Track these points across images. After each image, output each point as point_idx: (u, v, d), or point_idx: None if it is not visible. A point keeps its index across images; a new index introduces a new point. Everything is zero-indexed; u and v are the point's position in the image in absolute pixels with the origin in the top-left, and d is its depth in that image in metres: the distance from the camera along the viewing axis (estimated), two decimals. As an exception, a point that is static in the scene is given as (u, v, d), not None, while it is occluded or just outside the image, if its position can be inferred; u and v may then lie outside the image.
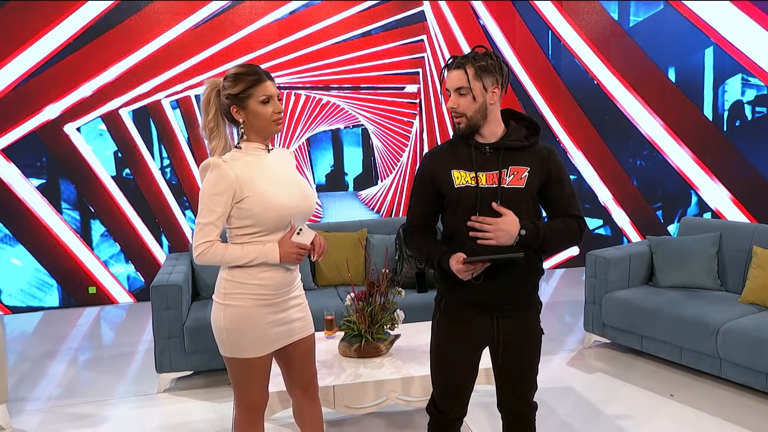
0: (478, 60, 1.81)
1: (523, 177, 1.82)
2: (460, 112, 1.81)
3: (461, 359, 1.95)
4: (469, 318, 1.90)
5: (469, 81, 1.79)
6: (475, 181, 1.82)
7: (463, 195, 1.83)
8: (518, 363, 1.96)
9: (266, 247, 1.87)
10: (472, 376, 2.01)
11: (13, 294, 5.28)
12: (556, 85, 6.21)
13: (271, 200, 1.85)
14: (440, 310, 1.96)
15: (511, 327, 1.90)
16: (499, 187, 1.81)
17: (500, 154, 1.83)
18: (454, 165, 1.86)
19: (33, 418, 3.15)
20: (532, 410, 2.06)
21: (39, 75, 5.11)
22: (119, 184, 5.45)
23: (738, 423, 2.92)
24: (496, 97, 1.82)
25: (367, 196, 6.03)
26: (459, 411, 2.04)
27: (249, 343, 1.91)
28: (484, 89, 1.80)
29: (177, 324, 3.34)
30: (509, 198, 1.81)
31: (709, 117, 6.24)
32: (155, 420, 3.11)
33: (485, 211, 1.80)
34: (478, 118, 1.82)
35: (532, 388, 2.03)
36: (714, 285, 3.73)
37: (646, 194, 6.41)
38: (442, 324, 1.95)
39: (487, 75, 1.80)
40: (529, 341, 1.94)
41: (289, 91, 5.71)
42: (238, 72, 1.87)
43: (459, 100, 1.81)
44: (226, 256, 1.85)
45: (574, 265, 6.30)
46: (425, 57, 5.96)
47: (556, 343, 4.08)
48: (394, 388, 2.56)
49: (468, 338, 1.92)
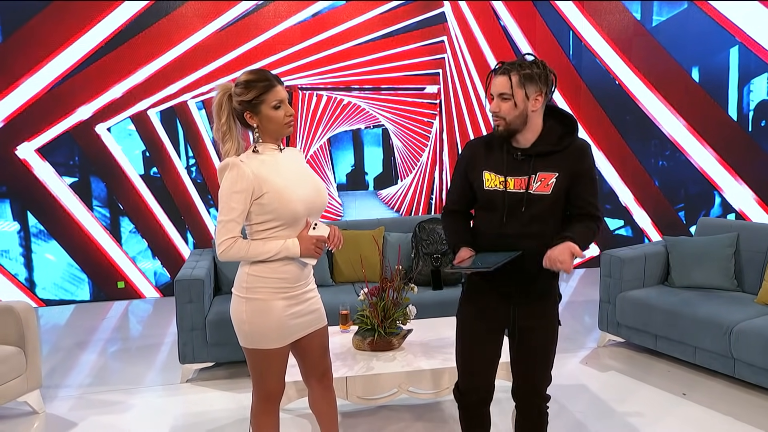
0: (524, 68, 1.84)
1: (550, 183, 1.87)
2: (501, 116, 1.87)
3: (481, 337, 2.05)
4: (488, 301, 2.01)
5: (512, 88, 1.84)
6: (503, 185, 1.89)
7: (491, 197, 1.92)
8: (531, 349, 2.03)
9: (288, 242, 1.96)
10: (493, 358, 2.08)
11: (47, 287, 5.51)
12: (577, 85, 6.21)
13: (288, 195, 1.94)
14: (463, 292, 2.10)
15: (526, 313, 1.99)
16: (526, 192, 1.87)
17: (531, 160, 1.89)
18: (487, 166, 1.94)
19: (64, 404, 3.32)
20: (543, 402, 2.11)
21: (72, 77, 5.32)
22: (147, 183, 5.63)
23: (750, 423, 2.92)
24: (538, 105, 1.86)
25: (387, 195, 6.12)
26: (482, 392, 2.11)
27: (268, 335, 2.00)
28: (526, 97, 1.84)
29: (199, 317, 3.47)
30: (534, 204, 1.88)
31: (734, 117, 6.17)
32: (178, 408, 3.24)
33: (511, 215, 1.89)
34: (517, 123, 1.87)
35: (544, 379, 2.08)
36: (730, 285, 3.72)
37: (669, 195, 6.37)
38: (465, 305, 2.08)
39: (531, 83, 1.83)
40: (544, 327, 2.01)
41: (311, 92, 5.83)
42: (249, 79, 1.95)
43: (501, 104, 1.86)
44: (250, 251, 1.94)
45: (593, 265, 6.28)
46: (446, 58, 6.02)
47: (572, 342, 4.11)
48: (405, 381, 2.64)
49: (487, 319, 2.03)
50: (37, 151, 5.35)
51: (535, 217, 1.89)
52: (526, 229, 1.89)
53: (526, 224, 1.89)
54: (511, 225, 1.90)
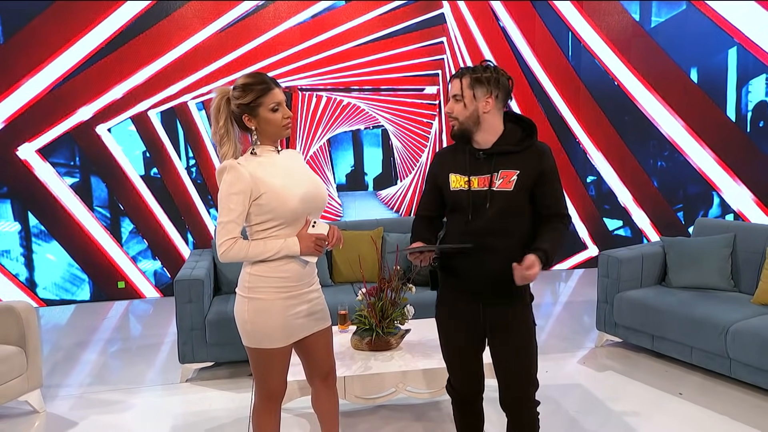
0: (475, 72, 1.96)
1: (511, 180, 1.95)
2: (454, 117, 1.99)
3: (457, 342, 2.11)
4: (458, 304, 2.07)
5: (462, 89, 1.96)
6: (468, 185, 1.98)
7: (457, 198, 2.01)
8: (507, 353, 2.05)
9: (287, 241, 1.98)
10: (474, 356, 2.12)
11: (47, 287, 5.53)
12: (576, 86, 6.23)
13: (286, 194, 1.96)
14: (438, 297, 2.15)
15: (496, 315, 2.02)
16: (489, 190, 1.95)
17: (493, 159, 1.98)
18: (452, 169, 2.04)
19: (65, 403, 3.34)
20: (531, 408, 2.11)
21: (73, 78, 5.35)
22: (147, 183, 5.66)
23: (745, 422, 2.94)
24: (489, 107, 1.96)
25: (387, 195, 6.14)
26: (472, 387, 2.17)
27: (270, 335, 2.02)
28: (474, 98, 1.95)
29: (199, 317, 3.49)
30: (499, 200, 1.95)
31: (732, 118, 6.19)
32: (178, 408, 3.27)
33: (477, 214, 1.96)
34: (469, 123, 1.97)
35: (528, 383, 2.08)
36: (727, 286, 3.74)
37: (667, 195, 6.39)
38: (440, 306, 2.15)
39: (479, 86, 1.95)
40: (517, 331, 2.03)
41: (310, 93, 5.85)
42: (246, 82, 1.98)
43: (454, 105, 1.99)
44: (250, 251, 1.96)
45: (593, 266, 6.29)
46: (445, 59, 6.04)
47: (571, 342, 4.13)
48: (403, 381, 2.66)
49: (459, 323, 2.08)
50: (37, 151, 5.38)
51: (499, 213, 1.95)
52: (491, 225, 1.95)
53: (491, 221, 1.95)
54: (477, 222, 1.97)
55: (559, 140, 6.27)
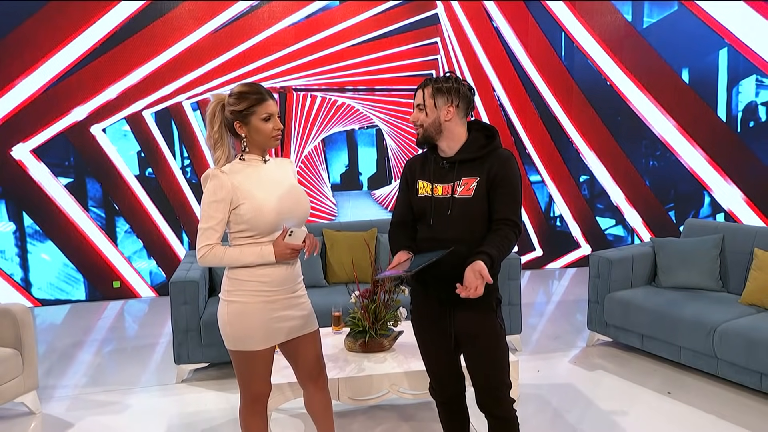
0: (437, 82, 2.03)
1: (471, 187, 2.01)
2: (418, 125, 2.07)
3: (431, 346, 2.18)
4: (427, 309, 2.13)
5: (424, 99, 2.03)
6: (431, 192, 2.06)
7: (422, 204, 2.08)
8: (475, 356, 2.09)
9: (263, 249, 2.04)
10: (451, 361, 2.18)
11: (42, 287, 5.55)
12: (569, 85, 6.28)
13: (263, 207, 2.01)
14: (411, 303, 2.22)
15: (463, 321, 2.06)
16: (451, 197, 2.03)
17: (455, 167, 2.04)
18: (420, 176, 2.12)
19: (61, 404, 3.37)
20: (506, 407, 2.13)
21: (67, 78, 5.35)
22: (142, 183, 5.67)
23: (732, 421, 2.99)
24: (450, 116, 2.02)
25: (381, 195, 6.17)
26: (451, 389, 2.24)
27: (250, 337, 2.07)
28: (435, 107, 2.02)
29: (194, 318, 3.53)
30: (460, 207, 2.01)
31: (723, 118, 6.26)
32: (174, 408, 3.30)
33: (438, 220, 2.03)
34: (431, 131, 2.04)
35: (500, 385, 2.10)
36: (716, 286, 3.80)
37: (659, 195, 6.45)
38: (414, 311, 2.21)
39: (440, 95, 2.01)
40: (483, 334, 2.06)
41: (305, 93, 5.87)
42: (242, 90, 2.04)
43: (418, 114, 2.06)
44: (225, 258, 2.03)
45: (585, 264, 6.33)
46: (439, 59, 6.07)
47: (562, 342, 4.18)
48: (396, 382, 2.70)
49: (430, 327, 2.14)
50: (32, 152, 5.39)
51: (461, 220, 2.01)
52: (453, 232, 2.00)
53: (452, 227, 2.01)
54: (438, 228, 2.03)
55: (552, 140, 6.32)
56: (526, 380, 3.46)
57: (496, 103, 6.16)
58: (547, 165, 6.38)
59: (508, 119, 6.17)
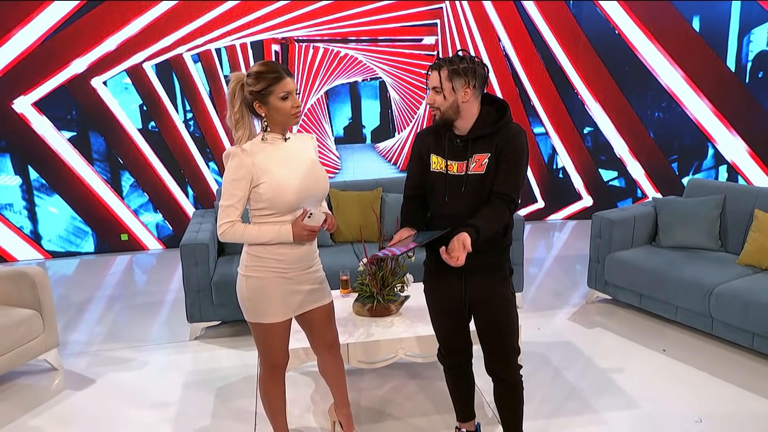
0: (453, 63, 2.01)
1: (483, 164, 2.04)
2: (436, 107, 2.06)
3: (443, 311, 2.26)
4: (442, 276, 2.19)
5: (441, 82, 2.01)
6: (446, 168, 2.08)
7: (435, 179, 2.11)
8: (487, 324, 2.19)
9: (281, 228, 2.09)
10: (460, 325, 2.27)
11: (52, 240, 5.64)
12: (576, 35, 6.14)
13: (283, 186, 2.05)
14: (425, 270, 2.29)
15: (476, 288, 2.15)
16: (465, 174, 2.06)
17: (468, 145, 2.06)
18: (434, 149, 2.13)
19: (82, 360, 3.51)
20: (514, 372, 2.25)
21: (65, 29, 5.24)
22: (145, 137, 5.66)
23: (723, 377, 3.12)
24: (468, 96, 2.02)
25: (384, 148, 6.16)
26: (459, 355, 2.35)
27: (268, 310, 2.16)
28: (453, 90, 2.01)
29: (205, 279, 3.62)
30: (472, 184, 2.05)
31: (732, 68, 6.15)
32: (189, 365, 3.44)
33: (452, 196, 2.07)
34: (450, 113, 2.04)
35: (510, 351, 2.22)
36: (714, 246, 3.87)
37: (663, 146, 6.43)
38: (427, 278, 2.28)
39: (457, 77, 2.00)
40: (495, 300, 2.15)
41: (307, 44, 5.76)
42: (259, 71, 2.03)
43: (435, 97, 2.05)
44: (245, 235, 2.08)
45: (586, 216, 6.40)
46: (443, 8, 5.91)
47: (561, 298, 4.30)
48: (403, 346, 2.81)
49: (443, 293, 2.22)
50: (33, 105, 5.35)
51: (474, 196, 2.04)
52: (467, 208, 2.04)
53: (466, 203, 2.05)
54: (452, 205, 2.07)
55: (557, 91, 6.24)
56: (527, 338, 3.59)
57: (501, 53, 6.04)
58: (551, 116, 6.34)
59: (512, 69, 6.07)
